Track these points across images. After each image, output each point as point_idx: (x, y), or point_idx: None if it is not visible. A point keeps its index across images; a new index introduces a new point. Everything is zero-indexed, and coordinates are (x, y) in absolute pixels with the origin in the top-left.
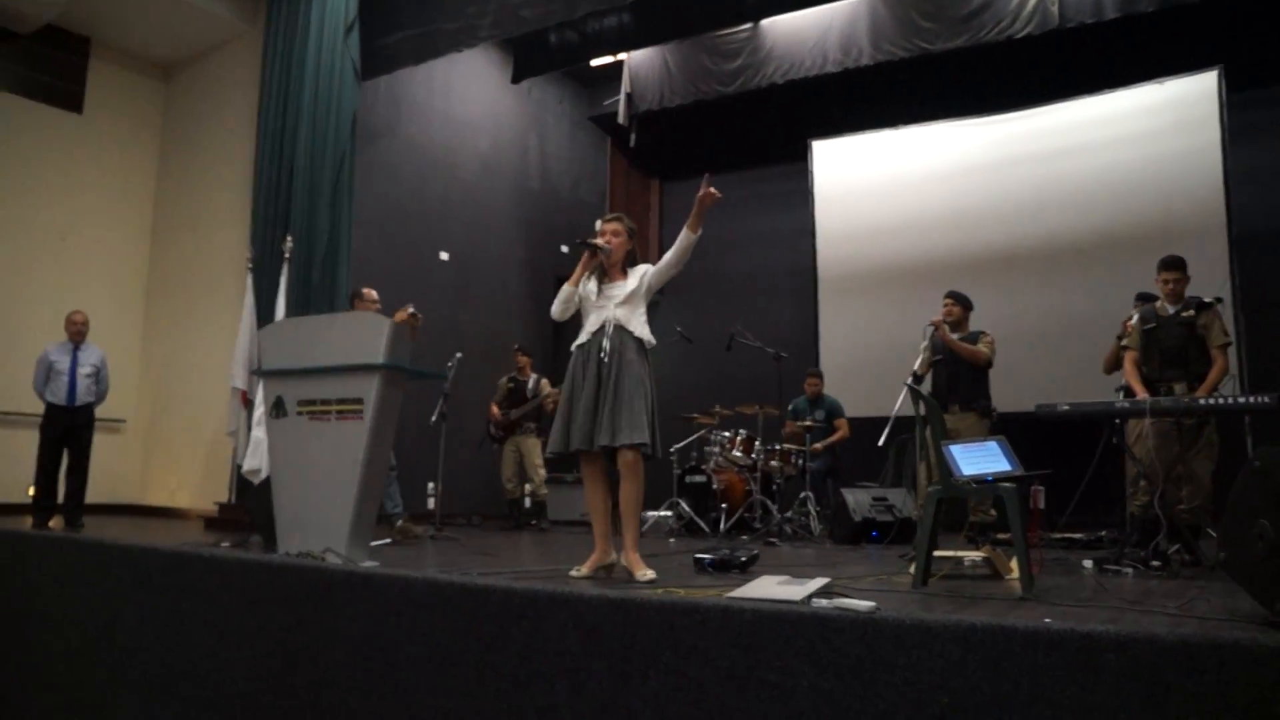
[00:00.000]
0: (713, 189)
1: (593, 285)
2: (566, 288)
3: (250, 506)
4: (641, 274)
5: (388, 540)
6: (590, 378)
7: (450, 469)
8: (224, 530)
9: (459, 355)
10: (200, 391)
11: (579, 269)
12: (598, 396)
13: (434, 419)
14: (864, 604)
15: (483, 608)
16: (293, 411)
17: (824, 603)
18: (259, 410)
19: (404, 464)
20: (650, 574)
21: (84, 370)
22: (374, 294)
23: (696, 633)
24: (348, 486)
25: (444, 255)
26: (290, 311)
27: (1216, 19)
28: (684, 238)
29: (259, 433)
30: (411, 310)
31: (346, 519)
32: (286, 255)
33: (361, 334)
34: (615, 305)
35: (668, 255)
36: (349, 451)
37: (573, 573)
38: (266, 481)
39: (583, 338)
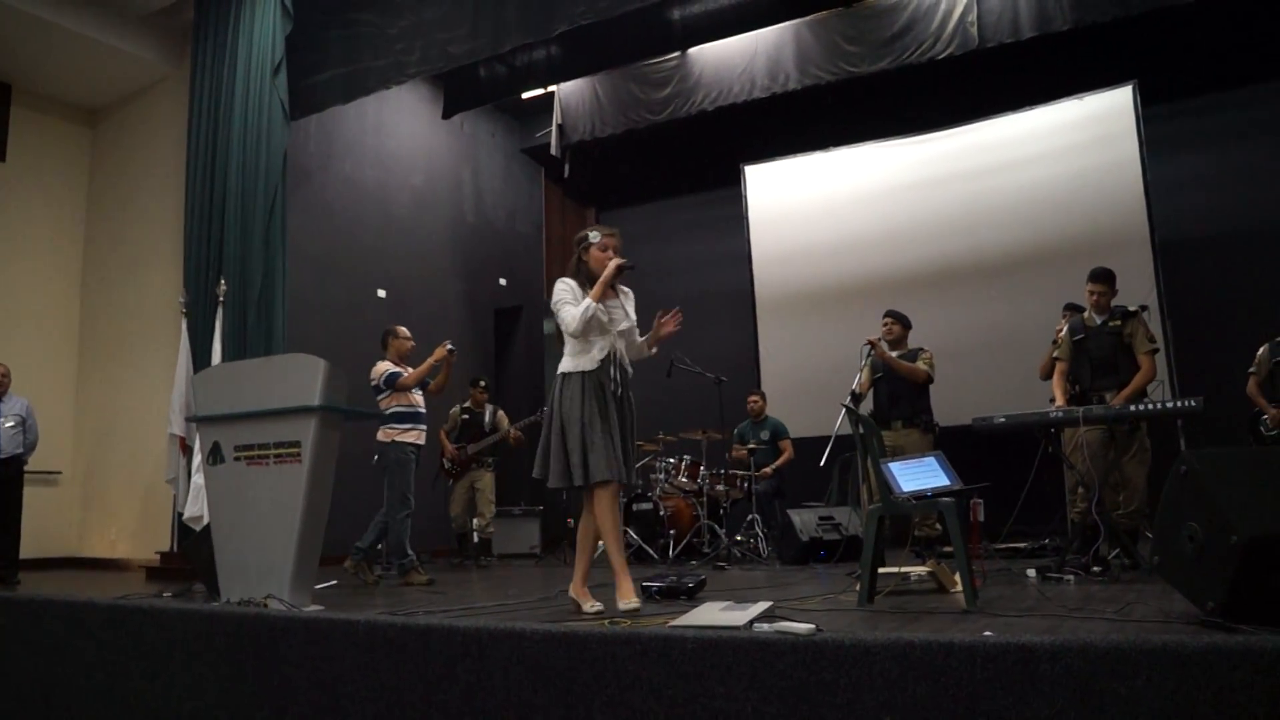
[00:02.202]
0: (674, 324)
1: (602, 305)
2: (591, 303)
3: (192, 554)
4: (632, 305)
5: (332, 582)
6: (610, 407)
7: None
8: (166, 580)
9: None
10: (138, 439)
11: (602, 287)
12: (622, 430)
13: (376, 458)
14: (804, 627)
15: (426, 647)
16: (230, 457)
17: (765, 627)
18: (198, 456)
19: (348, 503)
20: (597, 605)
21: (7, 423)
22: (407, 331)
23: (639, 663)
24: (288, 531)
25: (381, 292)
26: (226, 355)
27: (1128, 36)
28: (644, 350)
29: (199, 479)
30: (450, 347)
31: (288, 564)
32: (221, 298)
33: (297, 376)
34: (618, 332)
35: (636, 345)
36: (288, 495)
37: (590, 607)
38: (208, 528)
39: (589, 364)
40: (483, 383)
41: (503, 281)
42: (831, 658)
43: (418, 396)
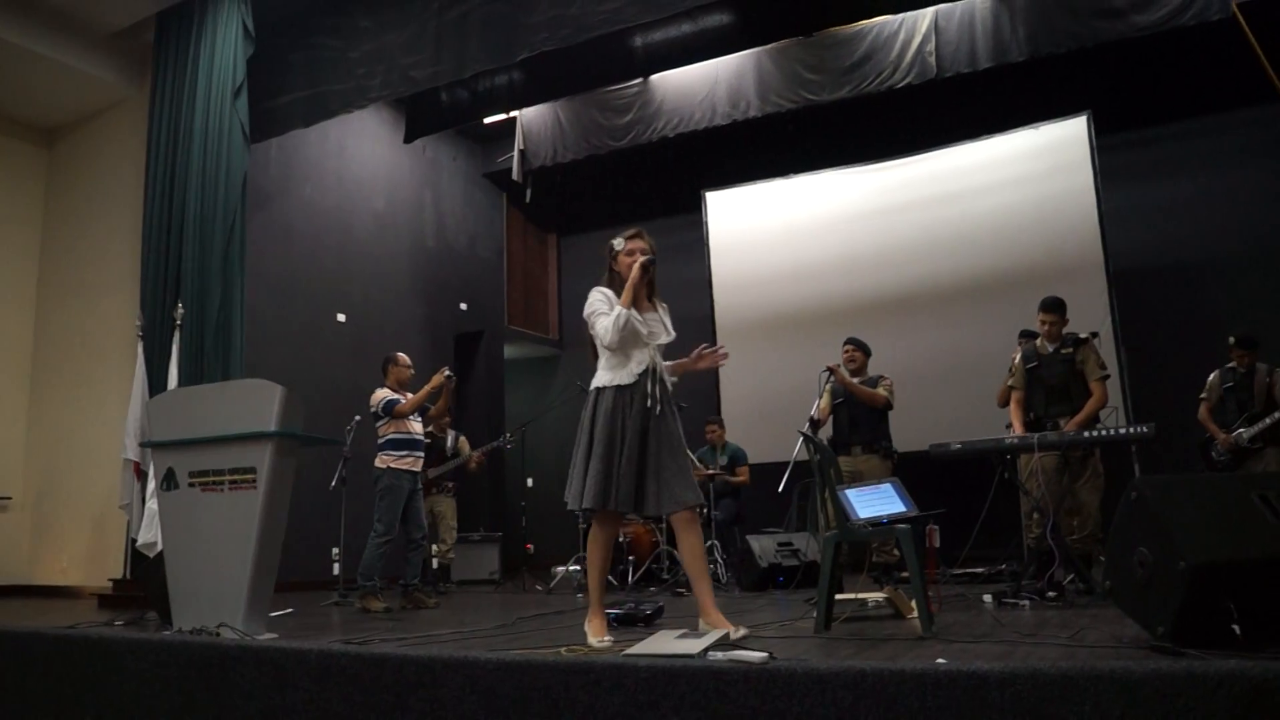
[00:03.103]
0: (714, 361)
1: (637, 315)
2: (623, 311)
3: (144, 582)
4: (669, 323)
5: (289, 610)
6: (634, 429)
7: (354, 533)
8: (119, 608)
9: (358, 419)
10: (91, 464)
11: (630, 287)
12: (644, 453)
13: (334, 484)
14: (757, 655)
15: (379, 677)
16: (184, 483)
17: (719, 655)
18: (153, 482)
19: (307, 530)
20: (744, 630)
21: None
22: (407, 359)
23: (592, 693)
24: (243, 558)
25: (341, 316)
26: (183, 380)
27: (1083, 67)
28: (667, 374)
29: (154, 505)
30: (448, 373)
31: (242, 591)
32: (178, 322)
33: (253, 401)
34: (655, 348)
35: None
36: (243, 522)
37: (597, 642)
38: (161, 555)
39: (626, 378)
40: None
41: (464, 306)
42: (784, 686)
43: (415, 424)
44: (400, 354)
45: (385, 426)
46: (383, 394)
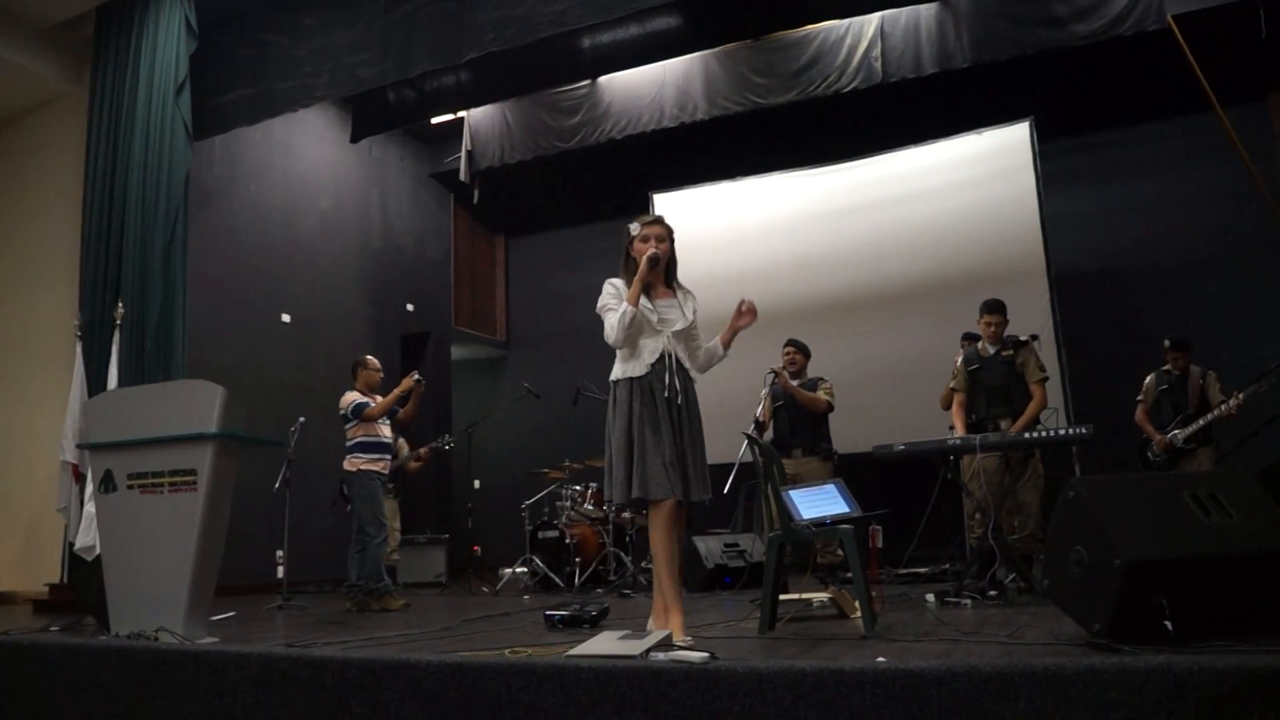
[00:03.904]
0: (751, 317)
1: (644, 302)
2: (629, 309)
3: (81, 586)
4: (694, 307)
5: (231, 614)
6: (665, 418)
7: (299, 535)
8: (55, 613)
9: (301, 420)
10: (27, 466)
11: (637, 284)
12: (678, 442)
13: (277, 486)
14: (698, 655)
15: (320, 680)
16: (123, 485)
17: (661, 656)
18: (91, 485)
19: (250, 533)
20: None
21: None
22: (376, 362)
23: (534, 694)
24: (183, 561)
25: (286, 317)
26: (123, 380)
27: (1025, 74)
28: (715, 351)
29: (92, 508)
30: (417, 377)
31: (182, 595)
32: (118, 321)
33: (194, 402)
34: (670, 335)
35: (704, 350)
36: (183, 525)
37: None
38: (98, 559)
39: (638, 369)
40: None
41: (410, 307)
42: (725, 686)
43: (384, 427)
44: (370, 357)
45: (354, 429)
46: (352, 397)
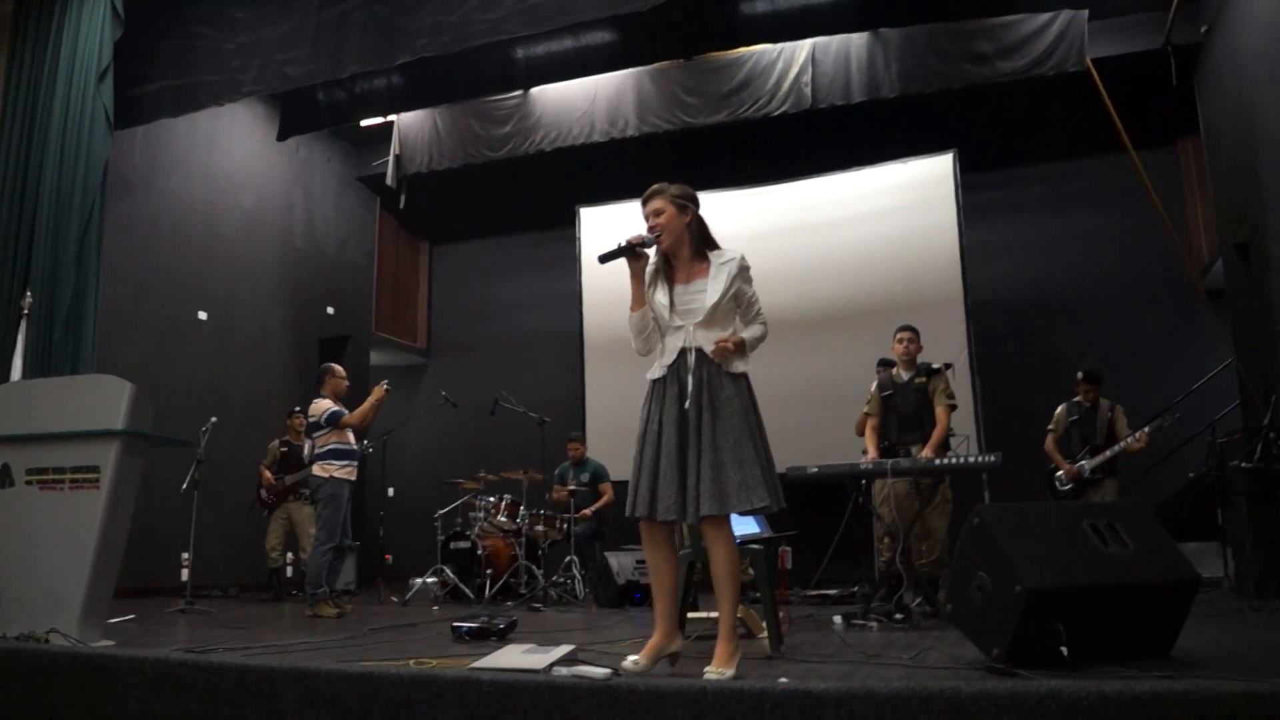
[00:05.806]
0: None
1: (661, 295)
2: (635, 316)
3: None
4: (729, 274)
5: (131, 616)
6: (671, 425)
7: (207, 537)
8: None
9: (214, 420)
10: None
11: (636, 284)
12: (683, 453)
13: (185, 486)
14: (600, 671)
15: (217, 686)
16: (21, 481)
17: (564, 671)
18: None
19: (155, 533)
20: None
21: None
22: (343, 371)
23: (435, 706)
24: (81, 562)
25: (203, 314)
26: (28, 373)
27: (951, 107)
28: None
29: None
30: (387, 386)
31: (78, 596)
32: (25, 311)
33: (100, 398)
34: (695, 324)
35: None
36: (83, 524)
37: (629, 663)
38: None
39: (656, 371)
40: (298, 410)
41: (330, 310)
42: (626, 702)
43: (350, 434)
44: (336, 365)
45: (326, 436)
46: (325, 404)
